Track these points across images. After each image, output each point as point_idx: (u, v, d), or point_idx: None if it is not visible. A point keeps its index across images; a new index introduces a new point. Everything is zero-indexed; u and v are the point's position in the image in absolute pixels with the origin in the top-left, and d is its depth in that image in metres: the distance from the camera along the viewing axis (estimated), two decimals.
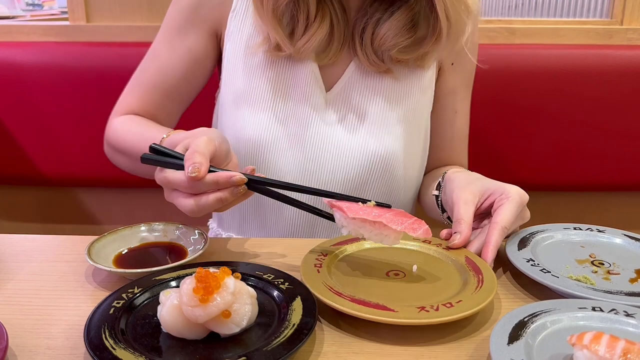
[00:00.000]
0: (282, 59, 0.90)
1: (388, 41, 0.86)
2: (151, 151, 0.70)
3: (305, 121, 0.90)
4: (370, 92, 0.91)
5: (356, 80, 0.91)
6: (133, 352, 0.51)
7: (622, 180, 1.38)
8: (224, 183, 0.65)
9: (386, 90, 0.91)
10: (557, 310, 0.58)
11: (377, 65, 0.89)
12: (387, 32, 0.86)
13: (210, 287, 0.54)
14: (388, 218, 0.65)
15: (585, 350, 0.49)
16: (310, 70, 0.89)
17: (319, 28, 0.85)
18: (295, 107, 0.90)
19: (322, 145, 0.91)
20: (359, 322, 0.58)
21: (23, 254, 0.76)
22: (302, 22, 0.85)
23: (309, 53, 0.88)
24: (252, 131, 0.89)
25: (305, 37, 0.85)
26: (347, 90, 0.91)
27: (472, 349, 0.56)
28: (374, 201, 0.69)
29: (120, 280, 0.68)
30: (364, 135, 0.90)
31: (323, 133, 0.91)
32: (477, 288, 0.62)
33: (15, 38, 1.40)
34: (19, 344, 0.56)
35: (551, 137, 1.34)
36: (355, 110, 0.91)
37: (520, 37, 1.39)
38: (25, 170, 1.39)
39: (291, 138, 0.90)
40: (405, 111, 0.92)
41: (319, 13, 0.85)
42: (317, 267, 0.67)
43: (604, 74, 1.31)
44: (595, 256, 0.74)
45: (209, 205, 0.66)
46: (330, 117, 0.91)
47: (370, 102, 0.91)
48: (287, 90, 0.90)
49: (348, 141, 0.91)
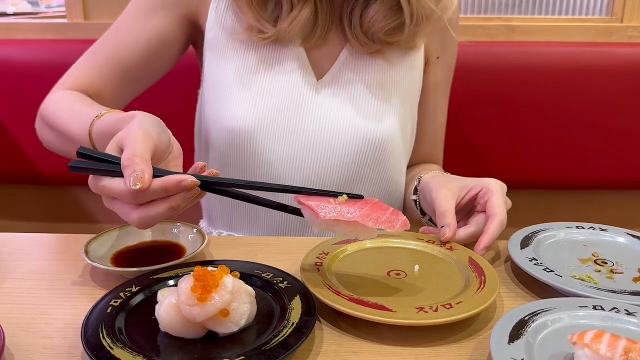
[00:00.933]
0: (267, 46, 0.88)
1: (377, 23, 0.86)
2: (79, 156, 0.61)
3: (294, 107, 0.89)
4: (364, 76, 0.90)
5: (349, 65, 0.90)
6: (131, 352, 0.51)
7: (622, 178, 1.38)
8: (174, 189, 0.57)
9: (379, 74, 0.91)
10: (557, 309, 0.58)
11: (368, 46, 0.89)
12: (375, 13, 0.85)
13: (209, 285, 0.53)
14: (363, 215, 0.59)
15: (587, 349, 0.49)
16: (297, 55, 0.88)
17: (302, 9, 0.84)
18: (283, 92, 0.88)
19: (314, 133, 0.89)
20: (358, 321, 0.57)
21: (20, 253, 0.76)
22: (287, 6, 0.84)
23: (294, 36, 0.87)
24: (237, 121, 0.87)
25: (289, 19, 0.85)
26: (340, 75, 0.90)
27: (472, 348, 0.56)
28: (345, 195, 0.62)
29: (117, 279, 0.67)
30: (359, 120, 0.89)
31: (315, 119, 0.89)
32: (479, 289, 0.62)
33: (12, 36, 1.39)
34: (16, 343, 0.56)
35: (551, 135, 1.34)
36: (350, 95, 0.90)
37: (520, 34, 1.38)
38: (23, 169, 1.39)
39: (280, 126, 0.88)
40: (400, 96, 0.92)
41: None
42: (317, 265, 0.67)
43: (604, 71, 1.30)
44: (598, 255, 0.73)
45: (160, 215, 0.58)
46: (323, 102, 0.90)
47: (365, 87, 0.90)
48: (274, 77, 0.88)
49: (342, 127, 0.89)
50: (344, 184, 0.91)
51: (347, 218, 0.59)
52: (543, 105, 1.33)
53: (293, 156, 0.90)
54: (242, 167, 0.90)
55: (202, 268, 0.55)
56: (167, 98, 1.25)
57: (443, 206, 0.76)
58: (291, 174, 0.90)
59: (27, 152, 1.37)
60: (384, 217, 0.60)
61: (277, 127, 0.88)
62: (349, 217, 0.59)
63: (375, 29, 0.87)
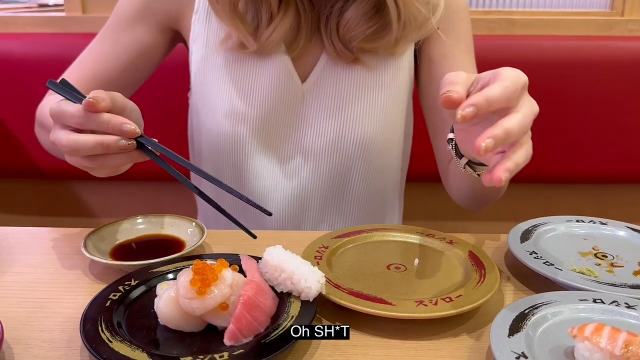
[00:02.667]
0: (251, 54, 0.87)
1: (352, 30, 0.83)
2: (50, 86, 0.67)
3: (281, 115, 0.89)
4: (343, 82, 0.89)
5: (329, 70, 0.89)
6: (130, 345, 0.50)
7: (621, 172, 1.38)
8: (115, 126, 0.60)
9: (359, 80, 0.89)
10: (557, 302, 0.58)
11: (345, 55, 0.87)
12: (349, 19, 0.83)
13: (208, 279, 0.53)
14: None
15: (587, 342, 0.49)
16: (282, 63, 0.87)
17: (283, 19, 0.83)
18: (270, 101, 0.88)
19: (300, 139, 0.90)
20: (358, 314, 0.57)
21: (19, 247, 0.76)
22: (266, 15, 0.83)
23: (276, 46, 0.85)
24: (225, 131, 0.88)
25: (269, 29, 0.83)
26: (321, 81, 0.89)
27: (472, 341, 0.56)
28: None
29: (117, 273, 0.67)
30: (341, 125, 0.88)
31: (301, 126, 0.89)
32: (479, 283, 0.62)
33: (10, 29, 1.39)
34: (14, 336, 0.56)
35: (551, 129, 1.34)
36: (331, 101, 0.89)
37: (520, 28, 1.38)
38: (21, 163, 1.38)
39: (268, 134, 0.89)
40: (381, 100, 0.90)
41: (283, 3, 0.83)
42: (317, 259, 0.67)
43: (604, 65, 1.30)
44: (598, 248, 0.73)
45: (88, 145, 0.61)
46: (306, 108, 0.89)
47: (345, 92, 0.89)
48: (260, 86, 0.87)
49: (326, 132, 0.89)
50: (333, 185, 0.92)
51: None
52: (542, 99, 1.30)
53: (280, 163, 0.91)
54: (234, 176, 0.91)
55: (201, 262, 0.55)
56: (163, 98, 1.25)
57: (449, 77, 0.58)
58: (282, 182, 0.92)
59: (25, 146, 1.37)
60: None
61: (266, 136, 0.89)
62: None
63: (350, 36, 0.84)
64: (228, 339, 0.52)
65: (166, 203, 1.47)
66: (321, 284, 0.58)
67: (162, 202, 1.47)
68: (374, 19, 0.84)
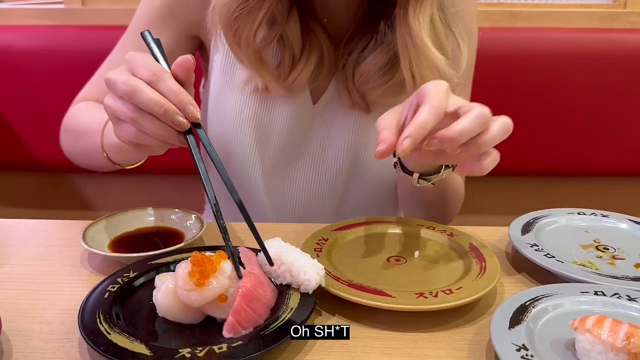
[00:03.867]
0: None
1: (366, 83, 0.82)
2: (144, 37, 0.66)
3: (294, 138, 0.89)
4: (348, 109, 0.88)
5: (339, 93, 0.88)
6: (128, 337, 0.50)
7: (623, 165, 1.37)
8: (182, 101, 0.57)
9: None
10: (558, 295, 0.57)
11: (360, 106, 0.86)
12: (363, 73, 0.82)
13: (206, 271, 0.53)
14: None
15: (588, 335, 0.48)
16: (302, 96, 0.86)
17: (307, 63, 0.81)
18: (286, 128, 0.87)
19: (307, 156, 0.90)
20: (358, 307, 0.57)
21: (18, 239, 0.76)
22: (289, 59, 0.81)
23: (299, 89, 0.85)
24: (241, 152, 0.88)
25: (294, 73, 0.81)
26: (331, 102, 0.89)
27: (472, 334, 0.56)
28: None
29: (115, 265, 0.67)
30: (347, 145, 0.89)
31: (308, 144, 0.90)
32: (479, 275, 0.61)
33: (9, 22, 1.38)
34: (12, 328, 0.55)
35: (553, 122, 1.33)
36: (338, 121, 0.89)
37: (522, 20, 1.37)
38: (20, 156, 1.38)
39: (280, 156, 0.89)
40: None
41: (306, 46, 0.81)
42: (317, 251, 0.67)
43: (607, 57, 1.29)
44: (599, 241, 0.73)
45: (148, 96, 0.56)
46: (315, 128, 0.89)
47: (351, 112, 0.88)
48: (277, 113, 0.86)
49: (332, 151, 0.89)
50: (334, 199, 0.93)
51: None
52: (545, 92, 1.32)
53: (287, 183, 0.91)
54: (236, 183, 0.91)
55: (200, 253, 0.55)
56: None
57: (379, 125, 0.61)
58: (289, 203, 0.93)
59: (24, 138, 1.36)
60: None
61: (274, 153, 0.89)
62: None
63: (366, 89, 0.83)
64: (227, 331, 0.51)
65: (166, 196, 1.47)
66: (320, 276, 0.57)
67: (162, 195, 1.47)
68: (387, 75, 0.82)
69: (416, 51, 0.74)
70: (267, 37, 0.78)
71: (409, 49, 0.74)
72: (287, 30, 0.79)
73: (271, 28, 0.78)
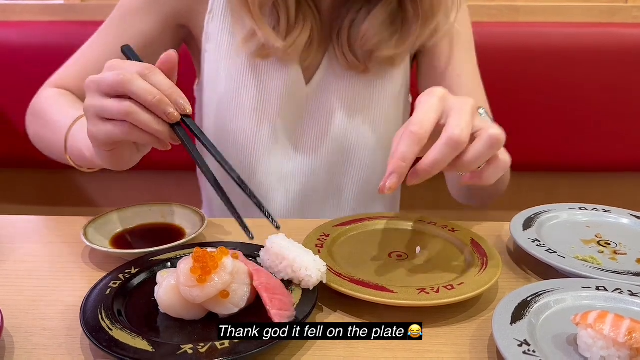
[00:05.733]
0: (265, 62, 0.86)
1: (369, 40, 0.83)
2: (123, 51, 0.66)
3: (286, 116, 0.89)
4: (344, 85, 0.89)
5: (331, 72, 0.89)
6: (130, 333, 0.50)
7: (625, 160, 1.37)
8: (173, 94, 0.57)
9: (359, 83, 0.89)
10: (560, 290, 0.57)
11: (356, 67, 0.87)
12: (366, 32, 0.82)
13: (208, 267, 0.53)
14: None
15: (590, 330, 0.48)
16: (293, 71, 0.87)
17: (303, 31, 0.82)
18: (279, 104, 0.88)
19: (303, 138, 0.91)
20: (359, 302, 0.57)
21: (19, 235, 0.76)
22: (284, 22, 0.82)
23: (295, 55, 0.85)
24: (239, 135, 0.88)
25: (290, 39, 0.82)
26: (323, 83, 0.89)
27: (474, 329, 0.56)
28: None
29: (117, 261, 0.67)
30: (342, 126, 0.90)
31: (303, 126, 0.91)
32: (481, 271, 0.61)
33: (8, 17, 1.37)
34: (14, 324, 0.55)
35: (554, 116, 1.33)
36: (332, 102, 0.89)
37: (524, 15, 1.36)
38: (21, 153, 1.37)
39: (278, 137, 0.90)
40: (380, 101, 0.90)
41: (300, 14, 0.82)
42: (318, 247, 0.67)
43: (608, 52, 1.29)
44: (601, 236, 0.73)
45: (142, 87, 0.56)
46: (308, 110, 0.90)
47: (345, 94, 0.89)
48: (271, 91, 0.87)
49: (327, 132, 0.90)
50: (332, 181, 0.94)
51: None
52: (546, 86, 1.31)
53: (287, 165, 0.92)
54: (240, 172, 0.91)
55: (202, 249, 0.54)
56: None
57: (393, 146, 0.59)
58: (286, 179, 0.93)
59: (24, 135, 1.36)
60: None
61: (272, 136, 0.89)
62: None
63: (368, 47, 0.84)
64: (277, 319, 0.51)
65: (167, 192, 1.47)
66: (322, 272, 0.57)
67: (163, 192, 1.47)
68: (392, 26, 0.83)
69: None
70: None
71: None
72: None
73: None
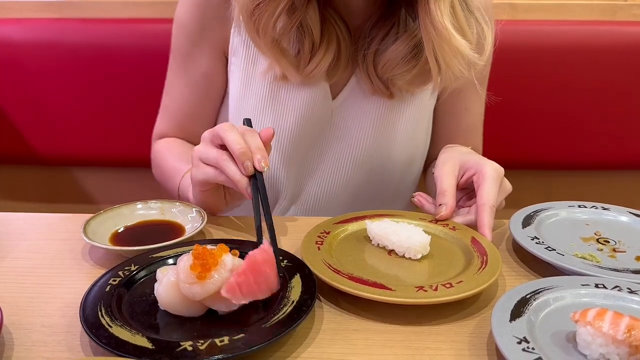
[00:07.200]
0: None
1: (390, 71, 0.84)
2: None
3: (311, 132, 0.90)
4: (370, 102, 0.89)
5: (358, 89, 0.89)
6: (129, 330, 0.50)
7: (624, 158, 1.37)
8: (262, 154, 0.67)
9: (383, 105, 0.90)
10: (559, 287, 0.57)
11: (382, 92, 0.88)
12: (387, 61, 0.83)
13: (208, 264, 0.53)
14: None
15: (589, 327, 0.48)
16: (320, 88, 0.87)
17: (327, 52, 0.83)
18: (304, 120, 0.89)
19: (326, 155, 0.92)
20: (358, 300, 0.57)
21: (18, 232, 0.75)
22: (308, 47, 0.82)
23: (320, 76, 0.86)
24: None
25: (313, 63, 0.83)
26: (350, 98, 0.90)
27: (473, 326, 0.56)
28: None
29: (117, 258, 0.67)
30: (367, 143, 0.91)
31: (328, 142, 0.92)
32: (480, 269, 0.61)
33: (7, 14, 1.37)
34: (14, 321, 0.55)
35: (553, 114, 1.33)
36: (358, 119, 0.90)
37: (523, 13, 1.36)
38: (21, 150, 1.38)
39: (297, 150, 0.90)
40: (406, 118, 0.91)
41: (325, 35, 0.83)
42: (317, 244, 0.67)
43: (608, 50, 1.29)
44: (600, 234, 0.73)
45: (236, 140, 0.67)
46: (334, 125, 0.91)
47: (371, 111, 0.90)
48: (297, 107, 0.88)
49: (352, 148, 0.91)
50: (354, 193, 0.95)
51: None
52: (546, 85, 1.31)
53: (307, 176, 0.93)
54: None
55: (201, 246, 0.55)
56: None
57: (444, 185, 0.75)
58: (304, 193, 0.95)
59: (24, 132, 1.36)
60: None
61: (294, 151, 0.90)
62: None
63: (391, 76, 0.85)
64: (226, 291, 0.52)
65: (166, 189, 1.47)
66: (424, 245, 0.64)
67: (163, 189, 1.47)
68: (412, 62, 0.84)
69: (439, 38, 0.76)
70: (287, 25, 0.80)
71: (431, 36, 0.76)
72: (307, 18, 0.80)
73: (291, 16, 0.79)
